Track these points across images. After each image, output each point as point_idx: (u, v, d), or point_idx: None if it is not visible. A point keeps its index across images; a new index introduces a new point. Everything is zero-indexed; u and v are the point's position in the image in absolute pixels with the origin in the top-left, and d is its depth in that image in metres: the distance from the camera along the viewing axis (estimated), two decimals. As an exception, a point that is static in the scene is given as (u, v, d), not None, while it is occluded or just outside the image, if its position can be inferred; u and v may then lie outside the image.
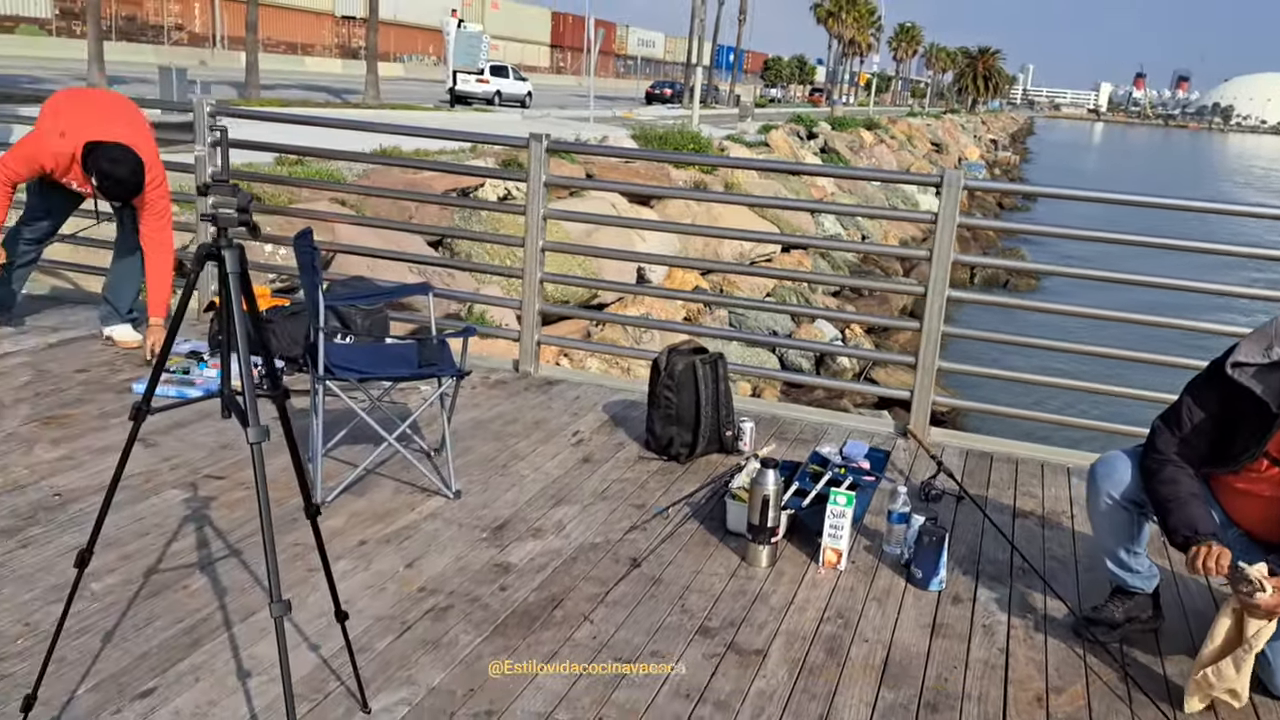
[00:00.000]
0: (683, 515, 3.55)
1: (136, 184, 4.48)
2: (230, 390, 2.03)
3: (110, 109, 4.65)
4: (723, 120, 39.76)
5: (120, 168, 4.40)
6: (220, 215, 1.87)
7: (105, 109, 4.63)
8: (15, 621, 2.58)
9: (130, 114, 4.72)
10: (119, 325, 5.01)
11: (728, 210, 17.10)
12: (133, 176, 4.45)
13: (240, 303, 1.85)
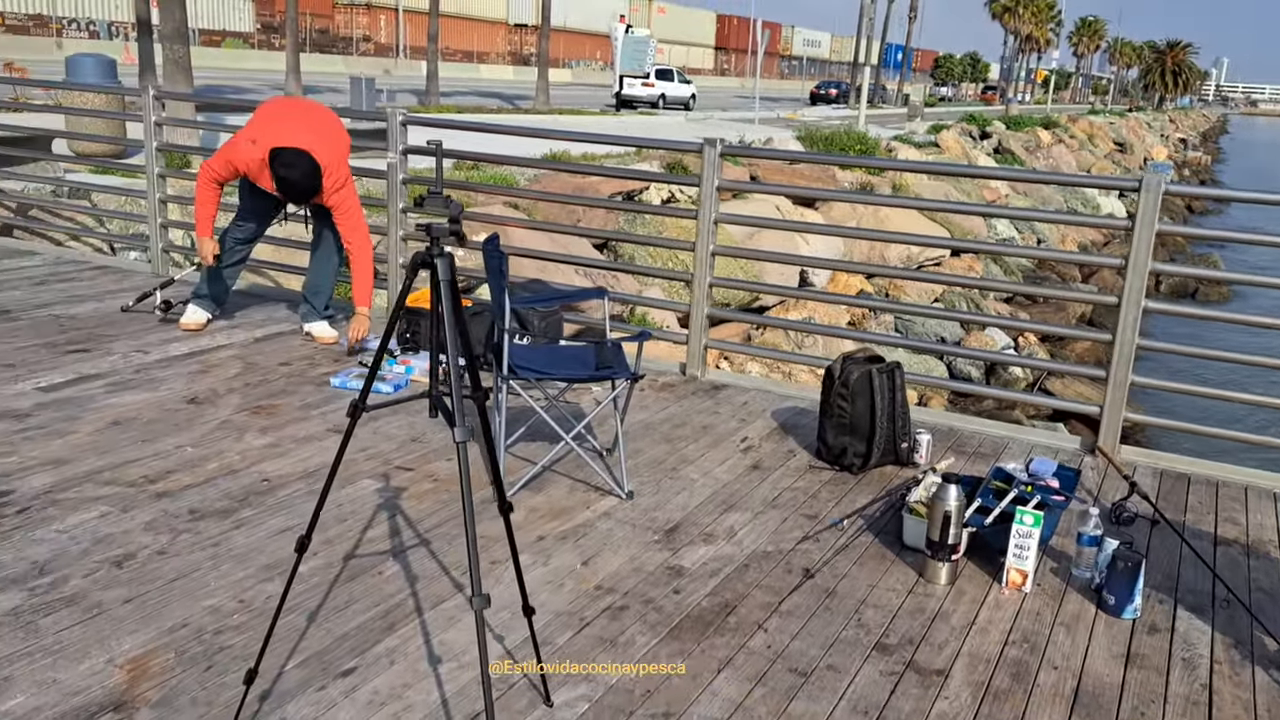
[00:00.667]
0: (857, 527, 3.50)
1: (311, 187, 4.77)
2: (438, 391, 2.13)
3: (303, 118, 4.93)
4: (890, 120, 38.85)
5: (293, 171, 4.69)
6: (434, 226, 1.96)
7: (298, 118, 4.92)
8: (232, 598, 2.79)
9: (322, 122, 4.98)
10: (317, 322, 5.34)
11: (895, 213, 16.71)
12: (305, 180, 4.73)
13: (451, 308, 1.94)
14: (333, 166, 4.87)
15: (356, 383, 4.61)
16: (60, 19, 43.09)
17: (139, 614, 2.68)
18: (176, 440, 3.85)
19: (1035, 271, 19.89)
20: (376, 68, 45.32)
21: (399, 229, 5.85)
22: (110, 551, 2.99)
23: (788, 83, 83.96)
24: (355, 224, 5.01)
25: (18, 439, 3.75)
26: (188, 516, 3.25)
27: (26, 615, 2.63)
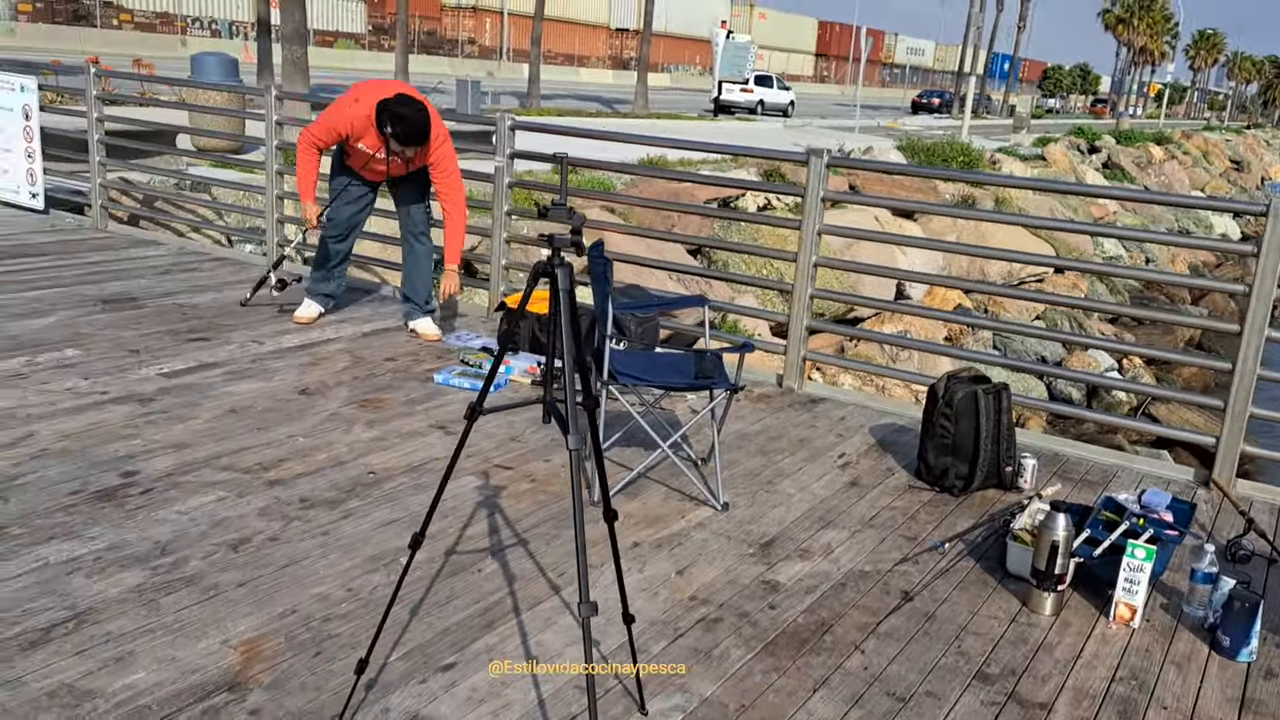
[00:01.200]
0: (957, 551, 3.43)
1: (424, 129, 4.83)
2: (551, 397, 2.16)
3: (399, 85, 5.06)
4: (994, 131, 37.95)
5: (407, 109, 4.77)
6: (556, 236, 2.00)
7: (394, 85, 5.04)
8: (339, 587, 2.88)
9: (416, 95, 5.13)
10: (421, 319, 5.46)
11: (998, 227, 16.33)
12: (420, 117, 4.79)
13: (569, 317, 1.97)
14: (437, 120, 4.99)
15: (459, 380, 4.71)
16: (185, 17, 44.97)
17: (252, 597, 2.78)
18: (288, 430, 3.99)
19: (1142, 292, 19.21)
20: (480, 69, 46.21)
21: (503, 231, 5.95)
22: (227, 535, 3.11)
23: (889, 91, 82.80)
24: (457, 184, 5.11)
25: (142, 422, 3.93)
26: (298, 504, 3.36)
27: (149, 593, 2.76)
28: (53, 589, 2.73)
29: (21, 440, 3.67)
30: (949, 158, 20.71)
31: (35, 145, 7.62)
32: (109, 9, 41.81)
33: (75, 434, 3.76)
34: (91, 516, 3.14)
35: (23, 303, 5.43)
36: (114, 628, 2.57)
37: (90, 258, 6.63)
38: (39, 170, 7.70)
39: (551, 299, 2.02)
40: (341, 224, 5.29)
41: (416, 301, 5.47)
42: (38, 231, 7.32)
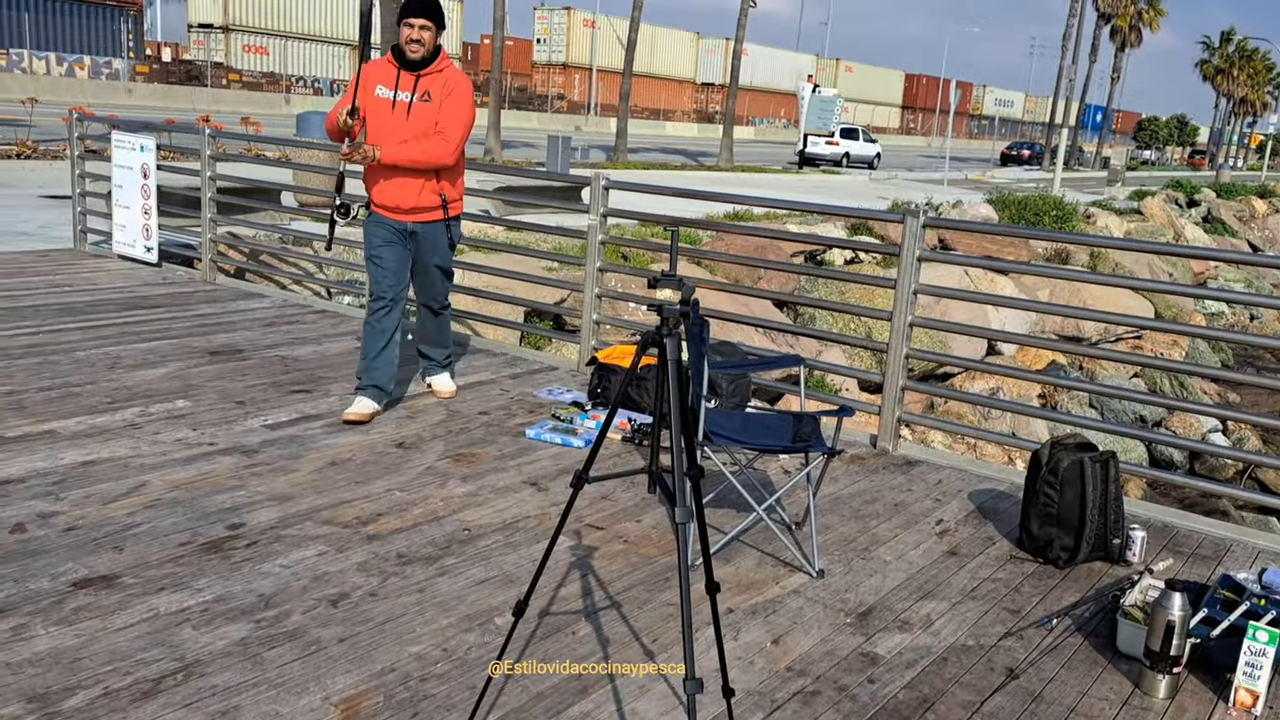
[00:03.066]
0: (1064, 627, 3.30)
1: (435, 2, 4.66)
2: (658, 467, 2.16)
3: None
4: (1087, 184, 37.20)
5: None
6: (665, 306, 2.01)
7: None
8: (436, 646, 2.90)
9: None
10: (439, 375, 5.36)
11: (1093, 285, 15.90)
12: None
13: (677, 388, 1.97)
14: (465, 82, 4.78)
15: (551, 435, 4.75)
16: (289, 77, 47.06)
17: (352, 654, 2.82)
18: (386, 484, 4.07)
19: (1247, 351, 18.46)
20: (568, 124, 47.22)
21: (595, 287, 6.02)
22: (327, 590, 3.17)
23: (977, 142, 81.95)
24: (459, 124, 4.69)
25: (247, 474, 4.05)
26: (396, 560, 3.41)
27: (254, 646, 2.81)
28: (163, 640, 2.81)
29: (135, 490, 3.81)
30: (1041, 211, 20.33)
31: (151, 201, 8.00)
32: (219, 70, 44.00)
33: (185, 484, 3.89)
34: (199, 567, 3.24)
35: (138, 354, 5.67)
36: (220, 681, 2.63)
37: (200, 309, 6.90)
38: (154, 225, 8.08)
39: (660, 369, 2.03)
40: (387, 255, 4.79)
41: (435, 357, 5.34)
42: (151, 284, 7.66)
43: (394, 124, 4.66)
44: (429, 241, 4.92)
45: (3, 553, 3.23)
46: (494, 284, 8.45)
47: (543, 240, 10.84)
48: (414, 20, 4.63)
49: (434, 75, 4.70)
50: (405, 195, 4.74)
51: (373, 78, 4.70)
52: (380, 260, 4.81)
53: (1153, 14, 55.69)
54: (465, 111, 4.74)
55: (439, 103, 4.67)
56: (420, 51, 4.63)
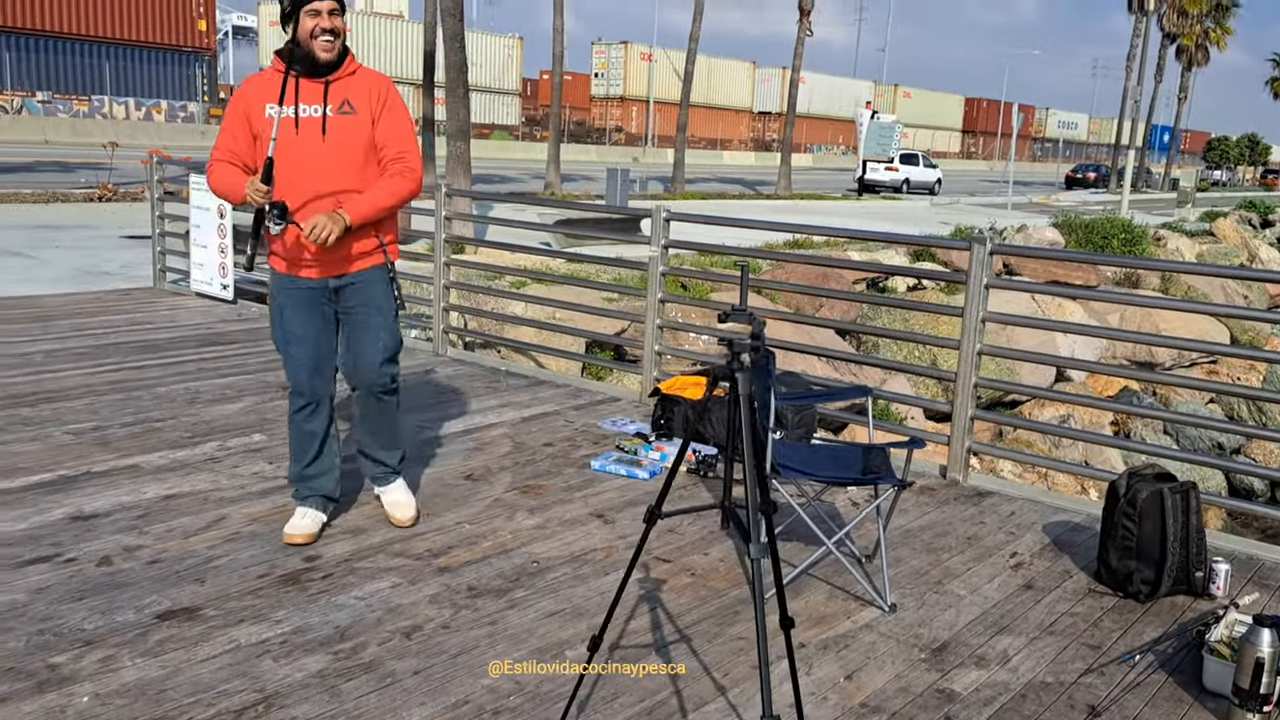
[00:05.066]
0: (1147, 663, 3.21)
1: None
2: (731, 502, 2.17)
3: None
4: (1156, 206, 36.41)
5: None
6: (736, 341, 2.02)
7: None
8: (508, 679, 2.92)
9: None
10: (393, 483, 4.03)
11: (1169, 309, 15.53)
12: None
13: (749, 423, 1.98)
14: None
15: (616, 466, 4.77)
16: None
17: (425, 686, 2.85)
18: (456, 516, 4.12)
19: (1332, 376, 17.79)
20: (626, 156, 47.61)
21: (657, 318, 6.05)
22: (400, 622, 3.21)
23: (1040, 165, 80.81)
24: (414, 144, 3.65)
25: (321, 506, 4.13)
26: (467, 592, 3.45)
27: (331, 678, 2.86)
28: (244, 671, 2.87)
29: (215, 523, 3.91)
30: (1110, 235, 19.92)
31: (227, 240, 8.26)
32: (288, 110, 45.22)
33: (262, 517, 3.98)
34: (277, 599, 3.30)
35: (216, 389, 5.84)
36: (300, 713, 2.68)
37: (272, 345, 7.08)
38: (229, 263, 8.32)
39: (731, 404, 2.04)
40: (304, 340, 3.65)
41: (384, 462, 3.96)
42: (227, 320, 7.88)
43: (303, 151, 3.43)
44: (362, 297, 3.65)
45: (91, 585, 3.33)
46: (555, 316, 8.54)
47: (602, 272, 10.93)
48: (321, 5, 3.39)
49: (347, 80, 3.52)
50: (329, 245, 3.44)
51: (257, 98, 3.47)
52: (294, 338, 3.64)
53: (1220, 33, 54.56)
54: (410, 123, 3.67)
55: (368, 115, 3.51)
56: (334, 49, 3.43)
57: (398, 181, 3.56)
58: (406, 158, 3.57)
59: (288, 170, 3.44)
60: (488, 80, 49.23)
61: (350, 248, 3.59)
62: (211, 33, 42.81)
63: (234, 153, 3.53)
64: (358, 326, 3.70)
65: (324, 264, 3.60)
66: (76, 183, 19.93)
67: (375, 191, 3.54)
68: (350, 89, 3.53)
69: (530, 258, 10.77)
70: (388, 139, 3.56)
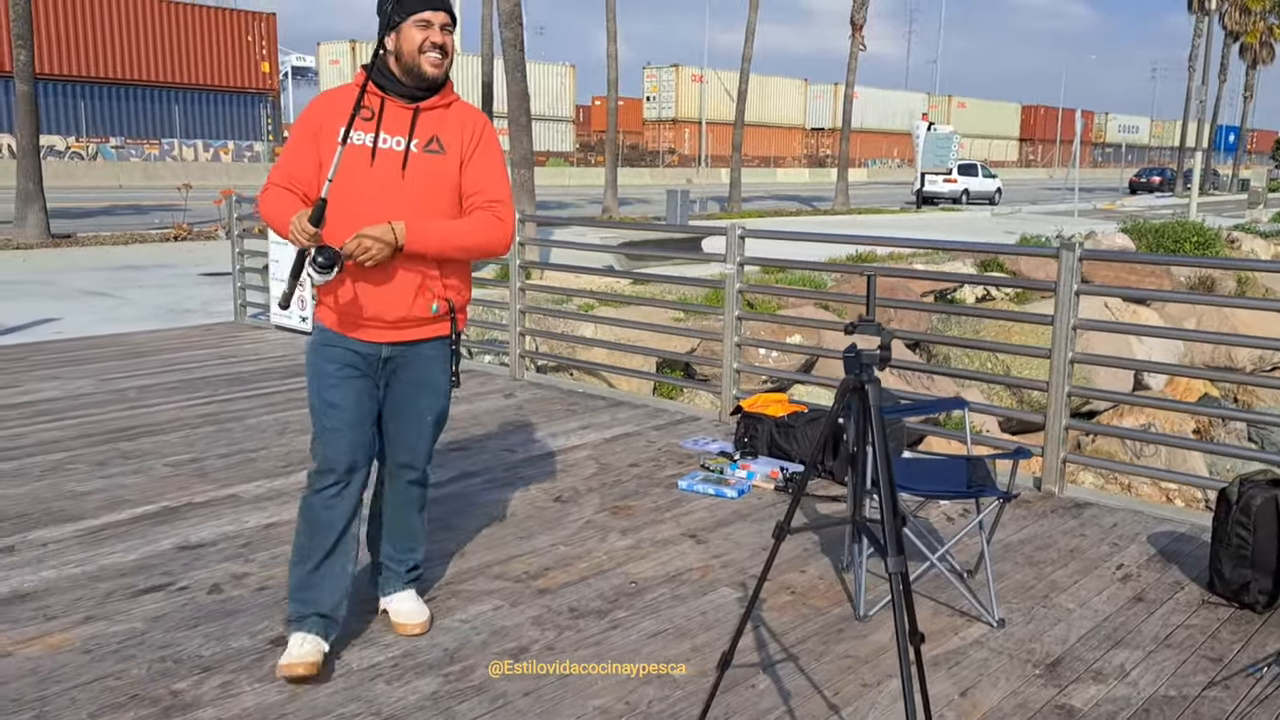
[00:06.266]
0: (1273, 676, 3.10)
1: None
2: (862, 516, 2.14)
3: None
4: (1225, 208, 35.49)
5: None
6: (864, 352, 2.01)
7: None
8: (618, 700, 2.92)
9: None
10: (401, 592, 3.35)
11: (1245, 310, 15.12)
12: None
13: (881, 435, 1.96)
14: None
15: (703, 486, 4.75)
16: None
17: (538, 707, 2.86)
18: (549, 538, 4.14)
19: None
20: (680, 177, 47.82)
21: (734, 335, 6.03)
22: (506, 644, 3.23)
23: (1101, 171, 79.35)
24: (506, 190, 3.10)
25: (417, 531, 4.18)
26: (568, 614, 3.45)
27: (444, 700, 2.88)
28: (359, 695, 2.90)
29: (317, 548, 3.97)
30: (1181, 239, 19.45)
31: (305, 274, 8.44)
32: (348, 145, 46.24)
33: (362, 543, 4.04)
34: (385, 623, 3.34)
35: (303, 419, 5.95)
36: (418, 734, 2.70)
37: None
38: (308, 296, 8.50)
39: (861, 416, 2.02)
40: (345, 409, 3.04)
41: (399, 562, 3.35)
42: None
43: (375, 188, 2.93)
44: (418, 373, 3.12)
45: (204, 612, 3.41)
46: (624, 336, 8.58)
47: (667, 291, 10.96)
48: (434, 16, 2.92)
49: (442, 112, 3.02)
50: (391, 300, 2.98)
51: (330, 117, 2.96)
52: (333, 407, 3.04)
53: (1286, 27, 53.16)
54: (505, 170, 3.15)
55: (458, 155, 3.00)
56: (444, 67, 2.97)
57: (486, 221, 2.99)
58: (498, 208, 3.02)
59: (351, 209, 2.88)
60: (542, 108, 49.79)
61: (413, 307, 3.00)
62: (275, 74, 44.02)
63: (292, 177, 2.98)
64: (404, 405, 3.14)
65: (382, 325, 3.02)
66: (152, 224, 20.57)
67: (456, 224, 2.97)
68: (444, 124, 3.00)
69: (598, 279, 10.84)
70: (479, 185, 3.01)
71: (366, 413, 3.09)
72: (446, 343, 3.15)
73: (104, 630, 3.26)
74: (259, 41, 42.49)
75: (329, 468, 3.04)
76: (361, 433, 3.07)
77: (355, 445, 3.06)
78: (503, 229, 3.03)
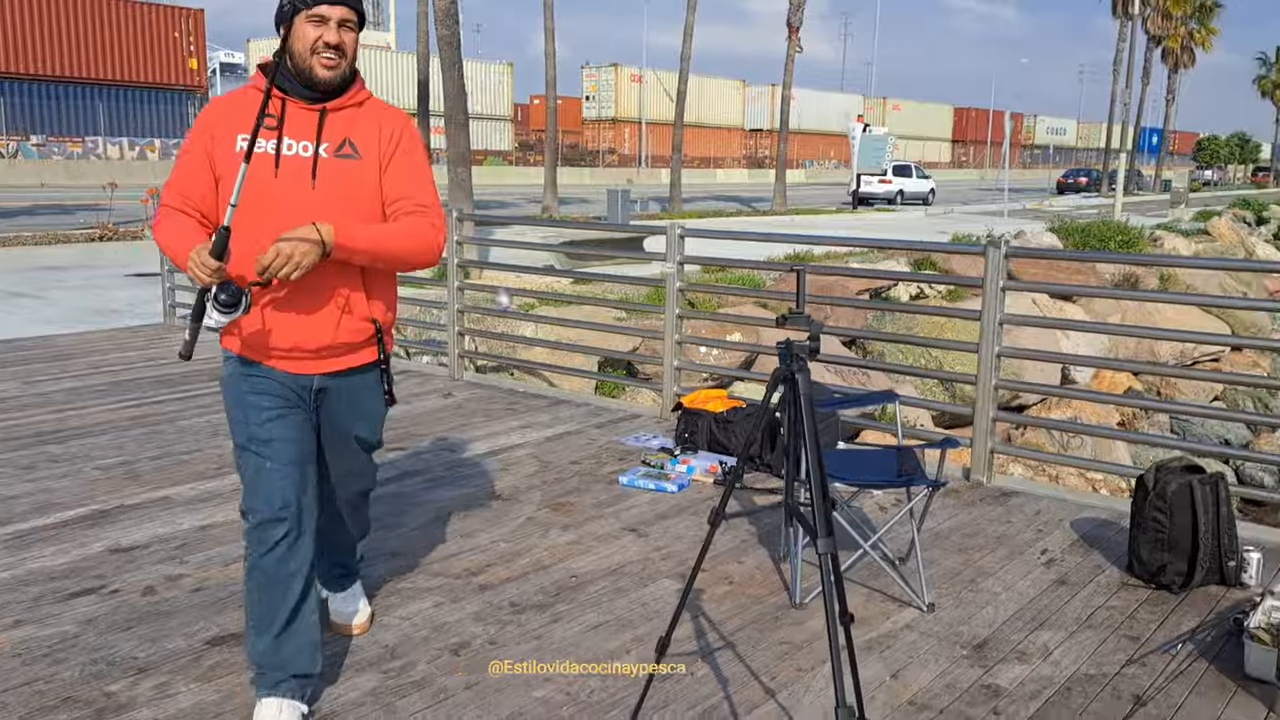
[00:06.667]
0: (1187, 653, 3.25)
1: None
2: (794, 501, 2.21)
3: None
4: (1149, 208, 36.61)
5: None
6: (795, 343, 2.07)
7: None
8: (559, 690, 2.95)
9: None
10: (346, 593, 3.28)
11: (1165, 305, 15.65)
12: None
13: (814, 421, 2.02)
14: None
15: (644, 481, 4.80)
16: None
17: (479, 700, 2.88)
18: (490, 535, 4.15)
19: (1335, 368, 17.86)
20: (620, 178, 47.85)
21: (675, 333, 6.09)
22: (448, 639, 3.24)
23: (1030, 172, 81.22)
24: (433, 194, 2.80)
25: (356, 529, 4.16)
26: (510, 609, 3.48)
27: (385, 696, 2.89)
28: (299, 691, 2.89)
29: (254, 549, 3.93)
30: (1106, 238, 20.03)
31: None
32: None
33: (299, 542, 4.01)
34: (323, 622, 3.33)
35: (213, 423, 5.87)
36: (359, 729, 2.70)
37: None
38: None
39: (791, 405, 2.08)
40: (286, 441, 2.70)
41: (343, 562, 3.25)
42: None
43: (286, 198, 2.58)
44: (351, 402, 2.86)
45: (138, 614, 3.36)
46: (565, 335, 8.60)
47: (609, 291, 11.00)
48: (331, 11, 2.57)
49: (353, 112, 2.70)
50: (315, 328, 2.68)
51: (225, 126, 2.63)
52: (272, 443, 2.69)
53: (1204, 33, 55.03)
54: (430, 173, 2.85)
55: (376, 159, 2.70)
56: (340, 68, 2.62)
57: (419, 226, 2.68)
58: (428, 214, 2.72)
59: (256, 227, 2.51)
60: (480, 107, 49.43)
61: (338, 332, 2.70)
62: (203, 70, 43.07)
63: (186, 197, 2.63)
64: (340, 438, 2.89)
65: (303, 355, 2.70)
66: (77, 224, 20.02)
67: (387, 226, 2.67)
68: (356, 125, 2.68)
69: (538, 279, 10.84)
70: (403, 190, 2.70)
71: (309, 449, 2.78)
72: (378, 367, 2.86)
73: (34, 634, 3.20)
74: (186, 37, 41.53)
75: (275, 516, 2.64)
76: (307, 472, 2.74)
77: (303, 485, 2.71)
78: (436, 236, 2.71)
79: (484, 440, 5.53)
